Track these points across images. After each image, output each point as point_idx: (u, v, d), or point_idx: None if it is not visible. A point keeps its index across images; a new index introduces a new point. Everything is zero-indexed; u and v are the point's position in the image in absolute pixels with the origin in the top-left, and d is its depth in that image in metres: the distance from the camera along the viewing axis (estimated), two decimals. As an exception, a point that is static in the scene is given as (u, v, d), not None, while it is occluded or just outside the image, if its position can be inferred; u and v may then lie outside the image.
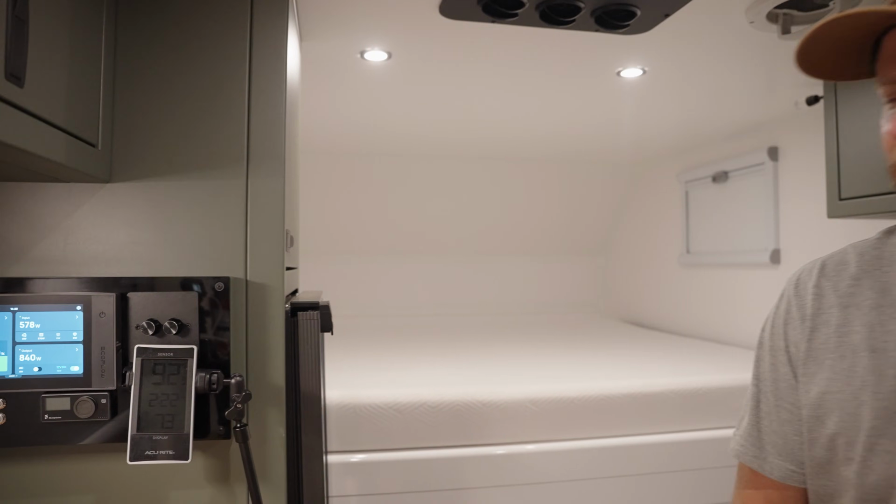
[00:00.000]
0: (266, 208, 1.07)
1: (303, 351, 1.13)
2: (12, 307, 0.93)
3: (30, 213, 1.03)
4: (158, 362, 0.93)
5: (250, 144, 1.08)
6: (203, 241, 1.05)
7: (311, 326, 1.14)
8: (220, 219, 1.06)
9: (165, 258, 1.05)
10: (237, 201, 1.07)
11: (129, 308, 0.97)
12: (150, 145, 1.06)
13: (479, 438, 1.84)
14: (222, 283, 1.00)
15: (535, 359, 2.39)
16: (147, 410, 0.92)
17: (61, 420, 0.95)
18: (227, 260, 1.06)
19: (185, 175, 1.06)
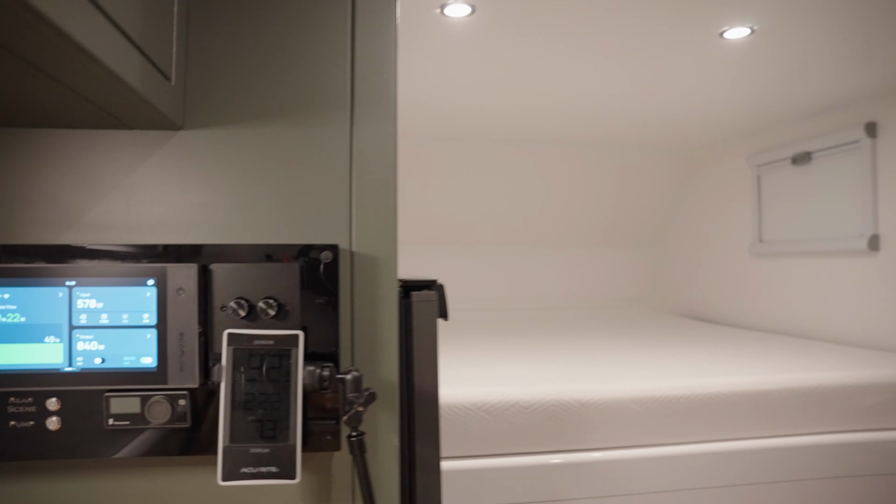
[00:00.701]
0: (375, 162, 0.85)
1: (418, 340, 0.91)
2: (68, 281, 0.72)
3: (86, 167, 0.81)
4: (255, 353, 0.71)
5: (355, 85, 0.86)
6: (298, 202, 0.83)
7: (427, 310, 0.92)
8: (319, 175, 0.84)
9: (252, 223, 0.83)
10: (339, 154, 0.85)
11: (213, 284, 0.75)
12: (231, 84, 0.84)
13: (576, 443, 1.61)
14: (331, 252, 0.78)
15: (617, 355, 2.15)
16: (242, 415, 0.70)
17: (129, 426, 0.73)
18: (328, 226, 0.84)
19: (274, 122, 0.84)
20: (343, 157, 0.86)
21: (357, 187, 0.85)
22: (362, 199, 0.85)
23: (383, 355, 0.85)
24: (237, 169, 0.84)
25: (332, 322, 0.79)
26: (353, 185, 0.85)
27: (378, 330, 0.85)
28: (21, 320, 0.72)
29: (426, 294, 0.93)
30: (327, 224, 0.85)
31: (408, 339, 0.91)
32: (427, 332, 0.93)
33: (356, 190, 0.85)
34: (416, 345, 0.92)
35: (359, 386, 0.75)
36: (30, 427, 0.75)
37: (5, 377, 0.72)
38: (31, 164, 0.81)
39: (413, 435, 0.94)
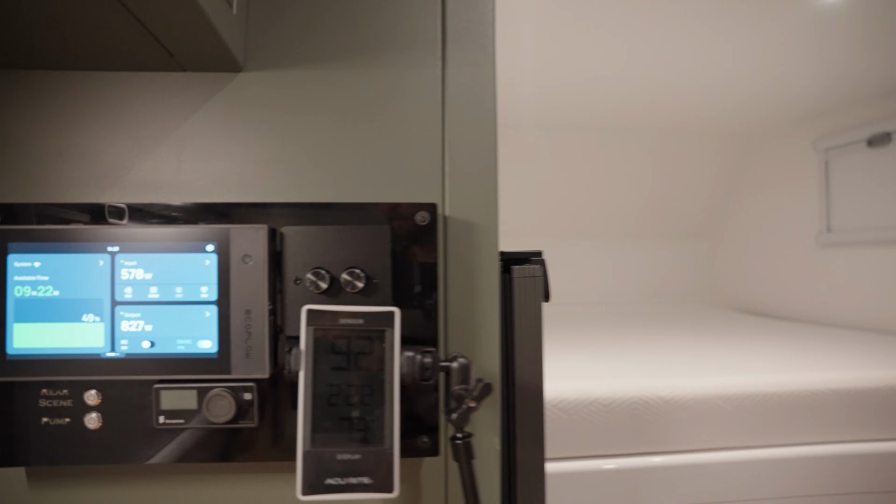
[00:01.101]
0: (471, 109, 0.70)
1: (520, 324, 0.76)
2: (110, 246, 0.57)
3: (130, 116, 0.67)
4: (341, 336, 0.56)
5: (446, 19, 0.72)
6: (380, 155, 0.69)
7: (531, 288, 0.76)
8: (405, 124, 0.69)
9: (326, 179, 0.68)
10: (429, 99, 0.70)
11: (286, 251, 0.60)
12: (301, 17, 0.70)
13: (660, 445, 1.44)
14: (428, 212, 0.63)
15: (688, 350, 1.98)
16: (326, 412, 0.55)
17: (183, 424, 0.59)
18: (416, 184, 0.69)
19: (351, 62, 0.69)
20: (433, 102, 0.70)
21: (451, 139, 0.70)
22: (457, 153, 0.70)
23: (482, 340, 0.70)
24: (308, 117, 0.69)
25: (429, 298, 0.64)
26: (445, 136, 0.70)
27: (476, 309, 0.70)
28: (54, 294, 0.58)
29: (530, 269, 0.77)
30: (416, 181, 0.70)
31: (508, 323, 0.76)
32: (531, 315, 0.78)
33: (449, 142, 0.70)
34: (517, 329, 0.76)
35: (467, 376, 0.60)
36: (65, 425, 0.61)
37: (36, 364, 0.58)
38: (67, 112, 0.67)
39: (514, 435, 0.78)
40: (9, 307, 0.59)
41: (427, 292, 0.64)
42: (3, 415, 0.61)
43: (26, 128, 0.67)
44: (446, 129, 0.71)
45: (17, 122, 0.67)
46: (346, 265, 0.62)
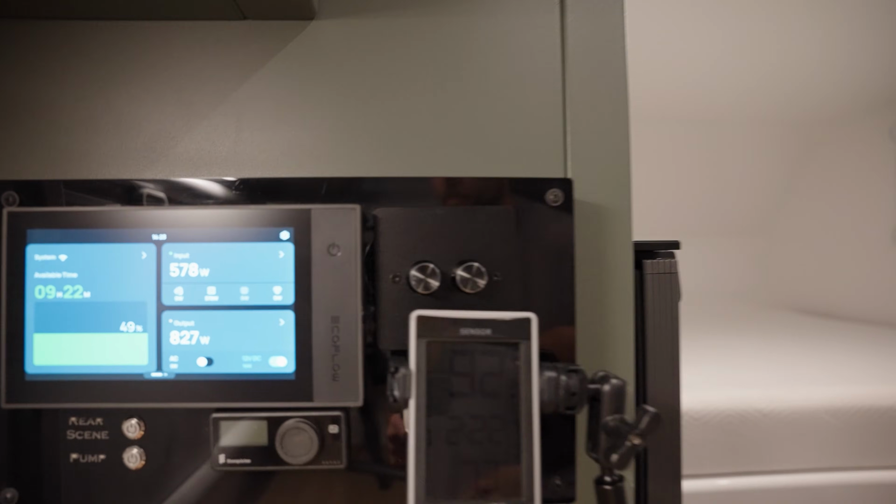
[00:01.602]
0: (597, 66, 0.55)
1: (653, 330, 0.60)
2: (155, 234, 0.43)
3: (178, 74, 0.53)
4: (461, 350, 0.41)
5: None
6: (486, 120, 0.54)
7: (667, 287, 0.61)
8: (516, 82, 0.54)
9: (422, 150, 0.53)
10: (545, 52, 0.55)
11: (380, 240, 0.45)
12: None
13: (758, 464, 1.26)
14: (560, 190, 0.47)
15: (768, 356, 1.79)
16: (443, 453, 0.40)
17: (251, 465, 0.44)
18: (531, 156, 0.54)
19: (448, 7, 0.54)
20: (551, 56, 0.55)
21: (573, 101, 0.55)
22: (581, 119, 0.55)
23: (615, 350, 0.54)
24: (397, 73, 0.54)
25: (564, 299, 0.48)
26: (566, 98, 0.55)
27: (606, 312, 0.54)
28: (84, 296, 0.44)
29: (664, 263, 0.62)
30: (531, 154, 0.55)
31: (638, 328, 0.60)
32: (666, 318, 0.62)
33: (571, 105, 0.55)
34: (650, 336, 0.61)
35: (621, 402, 0.44)
36: (99, 463, 0.47)
37: (62, 386, 0.44)
38: (102, 72, 0.53)
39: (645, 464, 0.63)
40: (28, 313, 0.45)
41: (561, 292, 0.49)
42: (23, 449, 0.47)
43: (53, 91, 0.53)
44: (567, 89, 0.55)
45: (41, 84, 0.53)
46: (458, 258, 0.47)
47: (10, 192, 0.47)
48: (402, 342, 0.47)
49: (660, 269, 0.63)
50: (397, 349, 0.47)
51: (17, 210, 0.45)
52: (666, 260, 0.64)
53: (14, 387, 0.45)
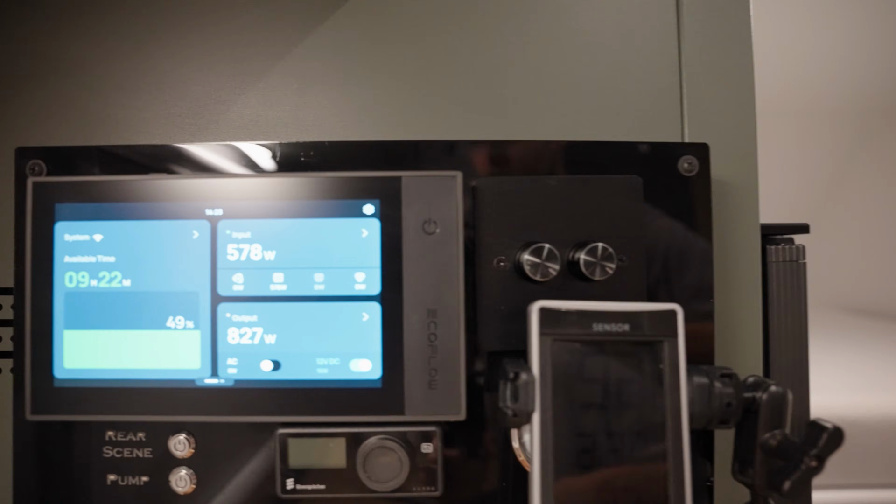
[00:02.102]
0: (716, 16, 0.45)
1: (778, 326, 0.51)
2: (209, 208, 0.34)
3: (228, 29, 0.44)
4: (593, 351, 0.31)
5: None
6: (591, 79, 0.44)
7: (794, 277, 0.52)
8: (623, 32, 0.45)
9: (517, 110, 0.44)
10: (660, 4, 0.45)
11: (481, 215, 0.36)
12: None
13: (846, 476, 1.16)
14: (695, 158, 0.38)
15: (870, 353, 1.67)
16: (574, 480, 0.30)
17: (324, 492, 0.35)
18: (641, 118, 0.44)
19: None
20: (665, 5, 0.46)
21: (689, 60, 0.45)
22: (699, 78, 0.45)
23: (740, 350, 0.45)
24: (483, 21, 0.45)
25: (703, 289, 0.39)
26: (682, 55, 0.46)
27: (730, 305, 0.45)
28: (124, 285, 0.36)
29: (791, 250, 0.52)
30: (641, 117, 0.45)
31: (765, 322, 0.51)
32: (794, 316, 0.53)
33: (688, 61, 0.45)
34: (774, 335, 0.52)
35: (782, 414, 0.35)
36: (141, 486, 0.38)
37: (97, 395, 0.36)
38: (140, 25, 0.45)
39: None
40: (57, 305, 0.36)
41: (698, 280, 0.39)
42: (53, 469, 0.39)
43: (84, 49, 0.45)
44: (683, 41, 0.46)
45: (71, 41, 0.45)
46: (573, 239, 0.37)
47: (37, 160, 0.39)
48: (508, 342, 0.38)
49: (785, 257, 0.54)
50: (501, 350, 0.38)
51: (43, 180, 0.37)
52: (792, 246, 0.54)
53: (41, 395, 0.37)
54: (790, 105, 2.95)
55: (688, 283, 0.40)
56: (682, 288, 0.40)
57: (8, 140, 0.45)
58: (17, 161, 0.39)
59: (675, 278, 0.40)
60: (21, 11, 0.46)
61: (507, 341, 0.38)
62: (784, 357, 0.54)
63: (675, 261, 0.40)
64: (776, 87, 2.66)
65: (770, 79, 2.50)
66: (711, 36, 0.47)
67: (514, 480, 0.39)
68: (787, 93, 2.79)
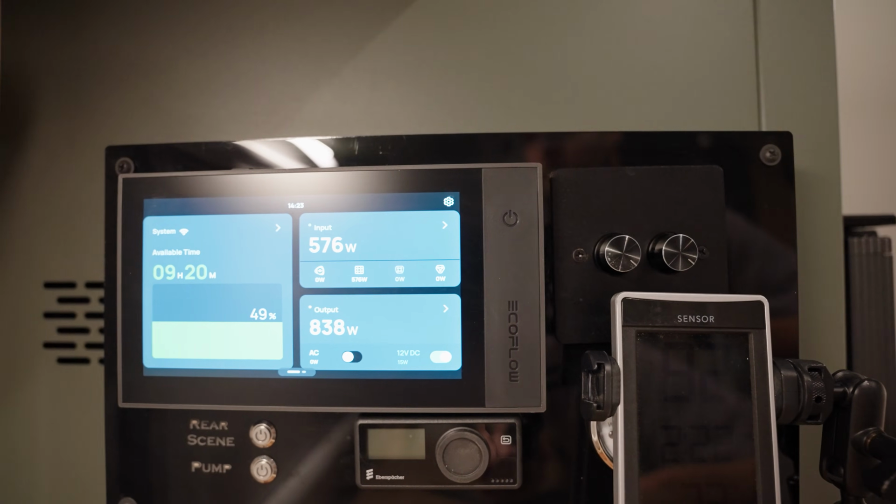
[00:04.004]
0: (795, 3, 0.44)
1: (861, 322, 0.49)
2: (292, 202, 0.35)
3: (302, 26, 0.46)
4: (678, 343, 0.31)
5: None
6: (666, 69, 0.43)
7: (879, 270, 0.50)
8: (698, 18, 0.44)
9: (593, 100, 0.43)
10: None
11: (559, 207, 0.35)
12: None
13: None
14: (778, 147, 0.37)
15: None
16: (658, 472, 0.30)
17: (404, 483, 0.35)
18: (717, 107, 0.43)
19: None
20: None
21: (767, 42, 0.44)
22: (779, 63, 0.44)
23: (824, 345, 0.44)
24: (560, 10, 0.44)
25: (787, 282, 0.38)
26: (758, 43, 0.44)
27: (812, 298, 0.43)
28: (210, 278, 0.37)
29: (876, 242, 0.50)
30: (718, 106, 0.44)
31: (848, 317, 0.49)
32: (879, 310, 0.51)
33: (766, 46, 0.44)
34: (857, 329, 0.50)
35: (876, 410, 0.34)
36: (224, 475, 0.39)
37: (183, 384, 0.37)
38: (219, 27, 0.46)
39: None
40: (146, 297, 0.38)
41: (782, 272, 0.38)
42: (141, 455, 0.40)
43: (167, 51, 0.47)
44: (759, 27, 0.45)
45: (155, 44, 0.47)
46: (654, 230, 0.37)
47: (125, 158, 0.40)
48: (589, 334, 0.37)
49: (870, 249, 0.52)
50: (580, 342, 0.37)
51: (133, 177, 0.38)
52: (876, 238, 0.53)
53: (131, 384, 0.38)
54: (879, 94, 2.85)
55: (771, 275, 0.39)
56: (765, 280, 0.39)
57: (96, 140, 0.47)
58: (108, 159, 0.40)
59: (758, 270, 0.39)
60: (105, 18, 0.47)
61: (587, 334, 0.38)
62: (868, 352, 0.52)
63: (758, 252, 0.40)
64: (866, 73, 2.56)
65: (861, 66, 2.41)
66: (790, 22, 0.46)
67: (592, 475, 0.39)
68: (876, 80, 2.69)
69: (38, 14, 0.49)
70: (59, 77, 0.48)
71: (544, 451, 0.39)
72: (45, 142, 0.48)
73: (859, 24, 1.99)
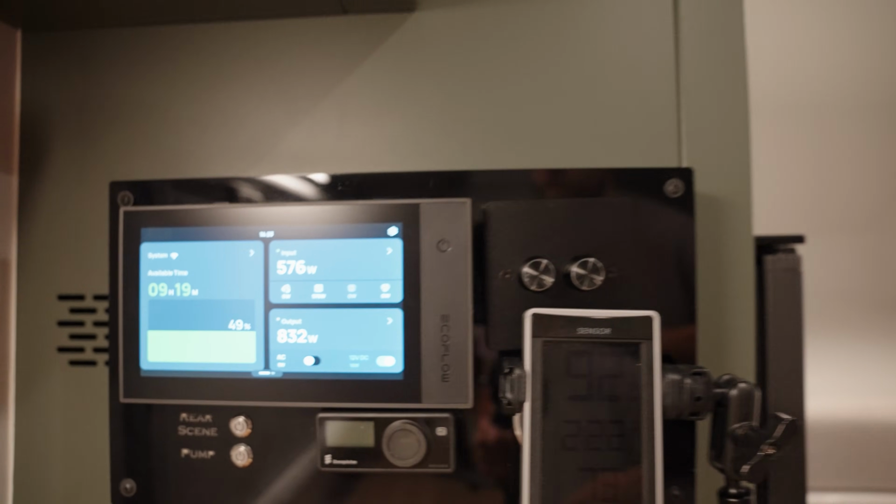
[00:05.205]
0: (713, 47, 0.50)
1: (774, 332, 0.56)
2: (263, 231, 0.42)
3: (281, 71, 0.53)
4: (579, 351, 0.38)
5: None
6: (595, 107, 0.50)
7: (790, 284, 0.56)
8: (626, 66, 0.51)
9: (529, 140, 0.50)
10: (658, 34, 0.51)
11: (490, 235, 0.42)
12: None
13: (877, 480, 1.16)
14: (681, 180, 0.44)
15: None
16: (560, 460, 0.37)
17: (357, 467, 0.43)
18: (641, 144, 0.50)
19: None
20: (663, 32, 0.52)
21: (687, 86, 0.51)
22: (697, 105, 0.51)
23: (735, 353, 0.50)
24: (501, 62, 0.52)
25: (684, 297, 0.45)
26: (680, 82, 0.51)
27: (725, 311, 0.50)
28: (193, 294, 0.44)
29: (788, 259, 0.57)
30: (643, 142, 0.51)
31: (762, 326, 0.56)
32: (790, 319, 0.57)
33: (686, 90, 0.51)
34: (771, 338, 0.56)
35: (751, 408, 0.41)
36: (209, 460, 0.47)
37: (174, 383, 0.45)
38: (208, 72, 0.53)
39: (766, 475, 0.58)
40: (143, 311, 0.45)
41: (681, 289, 0.45)
42: (139, 443, 0.48)
43: (163, 93, 0.54)
44: (681, 72, 0.52)
45: (152, 87, 0.55)
46: (571, 254, 0.44)
47: (126, 191, 0.48)
48: (513, 342, 0.45)
49: (782, 266, 0.58)
50: (507, 350, 0.44)
51: (132, 209, 0.46)
52: (788, 255, 0.59)
53: (131, 382, 0.46)
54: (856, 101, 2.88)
55: (673, 292, 0.46)
56: (668, 296, 0.46)
57: (102, 171, 0.55)
58: (111, 193, 0.48)
59: (663, 287, 0.46)
60: (111, 64, 0.55)
61: (512, 342, 0.45)
62: (781, 357, 0.59)
63: (663, 272, 0.46)
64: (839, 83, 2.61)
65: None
66: (708, 68, 0.52)
67: (517, 462, 0.46)
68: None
69: (52, 60, 0.56)
70: (71, 116, 0.56)
71: (475, 441, 0.46)
72: (59, 173, 0.56)
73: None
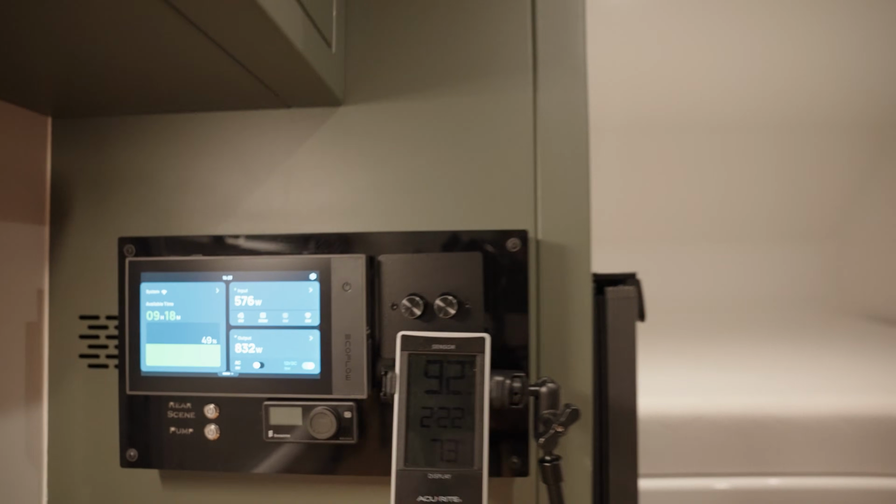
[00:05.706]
0: (563, 133, 0.71)
1: (613, 345, 0.75)
2: (225, 275, 0.63)
3: (242, 150, 0.73)
4: (433, 359, 0.58)
5: (537, 44, 0.73)
6: (473, 181, 0.71)
7: (625, 309, 0.76)
8: (497, 150, 0.71)
9: (423, 207, 0.71)
10: (521, 124, 0.71)
11: (382, 278, 0.63)
12: (396, 51, 0.73)
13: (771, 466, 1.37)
14: (519, 239, 0.64)
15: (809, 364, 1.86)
16: (418, 433, 0.58)
17: (290, 439, 0.64)
18: (508, 209, 0.70)
19: (445, 91, 0.72)
20: (525, 127, 0.72)
21: (543, 163, 0.71)
22: (549, 177, 0.71)
23: (574, 363, 0.70)
24: (404, 146, 0.72)
25: (520, 323, 0.65)
26: (537, 160, 0.71)
27: (568, 332, 0.70)
28: (177, 318, 0.65)
29: (623, 290, 0.77)
30: (508, 207, 0.71)
31: (601, 344, 0.76)
32: (624, 336, 0.77)
33: (542, 166, 0.71)
34: (610, 350, 0.76)
35: (556, 401, 0.61)
36: (189, 435, 0.67)
37: (164, 380, 0.65)
38: (188, 149, 0.74)
39: (606, 456, 0.78)
40: (142, 330, 0.66)
41: (518, 318, 0.65)
42: (142, 424, 0.68)
43: (157, 165, 0.75)
44: (538, 153, 0.72)
45: (150, 160, 0.75)
46: (439, 291, 0.64)
47: (130, 245, 0.69)
48: (397, 353, 0.65)
49: (619, 295, 0.78)
50: (392, 357, 0.65)
51: (135, 259, 0.67)
52: (626, 287, 0.79)
53: (134, 380, 0.67)
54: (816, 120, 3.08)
55: (512, 318, 0.67)
56: (507, 321, 0.67)
57: (111, 224, 0.76)
58: (119, 246, 0.69)
59: (504, 315, 0.67)
60: (120, 140, 0.76)
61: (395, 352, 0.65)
62: (618, 365, 0.79)
63: (505, 304, 0.67)
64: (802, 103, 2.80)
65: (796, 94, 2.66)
66: (558, 148, 0.72)
67: (403, 436, 0.66)
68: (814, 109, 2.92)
69: (74, 139, 0.77)
70: (88, 181, 0.77)
71: (372, 421, 0.67)
72: (79, 225, 0.77)
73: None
